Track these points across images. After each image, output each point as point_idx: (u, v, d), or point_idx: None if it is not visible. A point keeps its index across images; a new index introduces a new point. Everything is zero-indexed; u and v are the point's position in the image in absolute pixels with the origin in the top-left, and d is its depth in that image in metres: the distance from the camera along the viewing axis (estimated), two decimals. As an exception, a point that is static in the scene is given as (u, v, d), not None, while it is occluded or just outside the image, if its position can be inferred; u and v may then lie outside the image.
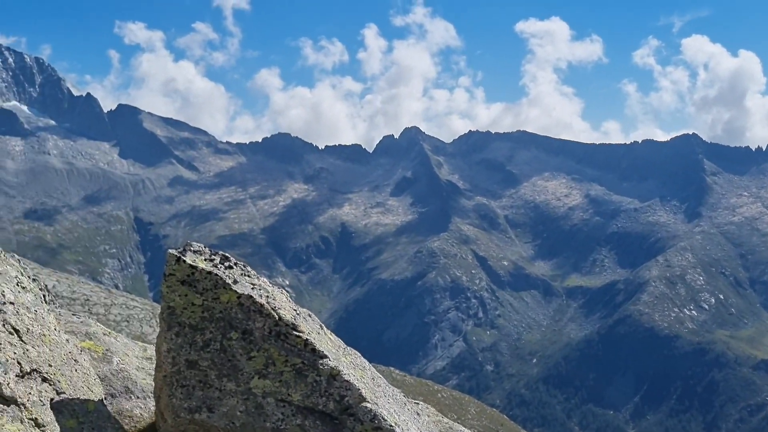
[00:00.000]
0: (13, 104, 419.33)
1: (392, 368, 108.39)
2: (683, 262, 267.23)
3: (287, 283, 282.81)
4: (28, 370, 6.92)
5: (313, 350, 7.73)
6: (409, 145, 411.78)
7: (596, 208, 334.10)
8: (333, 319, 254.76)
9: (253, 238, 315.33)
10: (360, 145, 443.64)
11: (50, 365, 7.30)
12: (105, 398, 8.29)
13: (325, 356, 7.76)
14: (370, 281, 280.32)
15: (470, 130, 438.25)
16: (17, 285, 7.62)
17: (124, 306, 75.83)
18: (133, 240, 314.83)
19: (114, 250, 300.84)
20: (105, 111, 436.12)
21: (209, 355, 7.59)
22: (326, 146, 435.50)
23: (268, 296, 7.85)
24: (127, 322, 71.57)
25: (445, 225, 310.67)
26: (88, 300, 73.69)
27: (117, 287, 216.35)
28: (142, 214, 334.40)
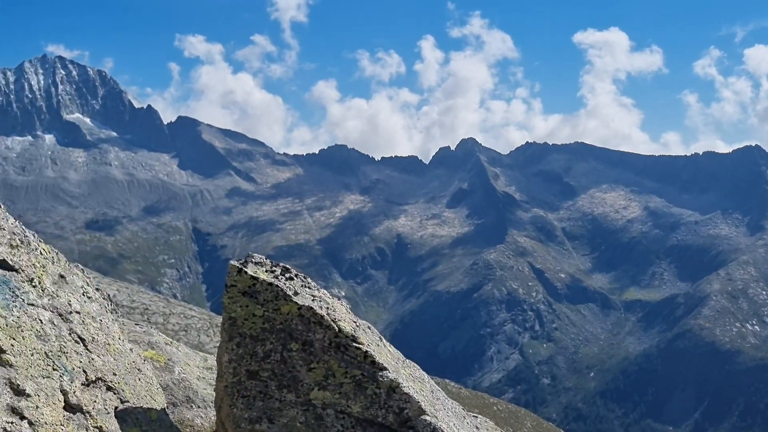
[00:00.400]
0: (76, 116, 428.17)
1: (447, 380, 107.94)
2: (745, 276, 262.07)
3: (343, 293, 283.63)
4: (94, 379, 7.03)
5: (373, 362, 7.72)
6: (465, 157, 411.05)
7: (655, 220, 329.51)
8: (388, 331, 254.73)
9: (309, 249, 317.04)
10: (416, 157, 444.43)
11: (114, 374, 7.40)
12: (167, 407, 8.39)
13: (385, 368, 7.76)
14: (425, 293, 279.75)
15: (527, 142, 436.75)
16: (83, 295, 7.74)
17: (182, 315, 76.75)
18: (192, 250, 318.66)
19: (173, 260, 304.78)
20: (165, 123, 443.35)
21: (270, 365, 7.63)
22: (382, 158, 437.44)
23: (328, 308, 7.87)
24: (185, 331, 72.40)
25: (502, 237, 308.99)
26: (147, 309, 74.73)
27: (175, 297, 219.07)
28: (201, 225, 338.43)
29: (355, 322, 8.15)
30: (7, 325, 6.28)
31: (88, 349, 7.14)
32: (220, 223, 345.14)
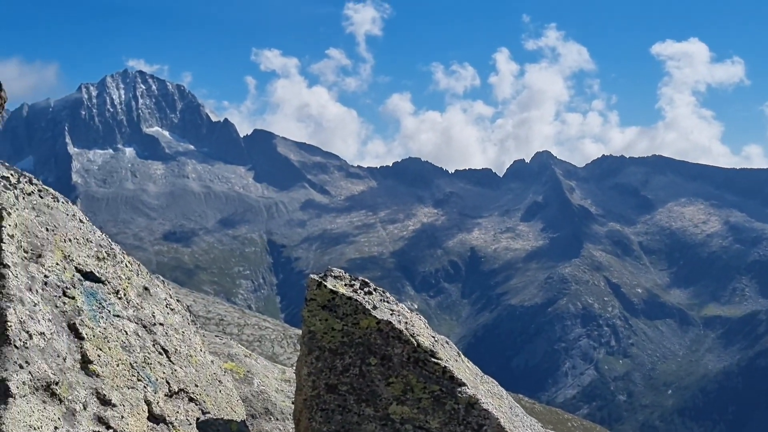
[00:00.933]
0: (155, 130, 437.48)
1: (521, 395, 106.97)
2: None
3: (416, 307, 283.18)
4: (176, 390, 7.14)
5: (452, 378, 7.69)
6: (540, 170, 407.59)
7: (736, 235, 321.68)
8: (461, 345, 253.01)
9: (382, 261, 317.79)
10: (490, 170, 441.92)
11: (196, 385, 7.51)
12: (246, 419, 8.48)
13: (464, 384, 7.71)
14: (499, 306, 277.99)
15: (603, 155, 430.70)
16: (166, 306, 7.88)
17: (256, 326, 77.61)
18: (266, 262, 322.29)
19: (248, 272, 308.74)
20: (241, 136, 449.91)
21: (348, 379, 7.65)
22: (456, 170, 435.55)
23: (406, 322, 7.87)
24: (259, 342, 73.15)
25: (577, 251, 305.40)
26: (222, 320, 75.79)
27: (250, 308, 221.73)
28: (275, 237, 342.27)
29: (433, 336, 8.14)
30: (94, 336, 6.43)
31: (171, 361, 7.26)
32: (295, 235, 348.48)
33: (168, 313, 7.83)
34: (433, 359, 7.70)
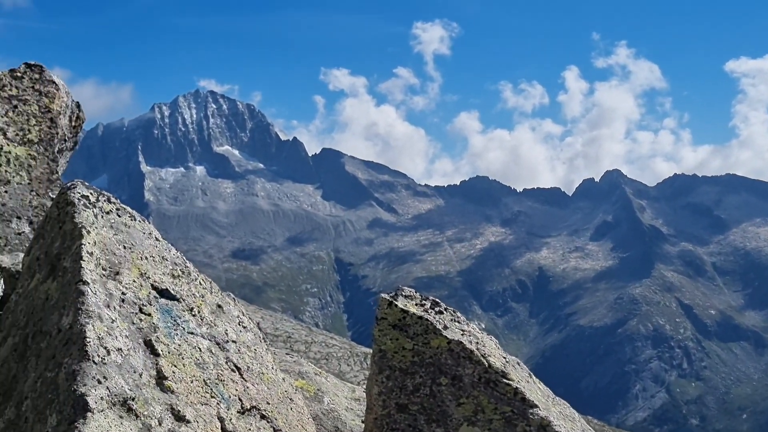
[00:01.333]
0: (225, 149, 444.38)
1: (590, 417, 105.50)
2: None
3: (483, 326, 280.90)
4: (248, 407, 7.20)
5: (523, 399, 7.61)
6: (610, 189, 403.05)
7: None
8: (529, 365, 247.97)
9: (449, 280, 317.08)
10: (559, 189, 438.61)
11: (268, 403, 7.56)
12: (316, 437, 8.51)
13: (536, 406, 7.63)
14: (567, 327, 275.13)
15: (675, 174, 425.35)
16: (239, 324, 7.97)
17: (323, 344, 77.95)
18: (333, 280, 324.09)
19: (315, 289, 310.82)
20: (310, 154, 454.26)
21: (419, 399, 7.63)
22: (524, 189, 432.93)
23: (477, 343, 7.83)
24: (326, 359, 73.43)
25: (648, 271, 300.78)
26: (290, 337, 76.26)
27: (317, 325, 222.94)
28: (343, 255, 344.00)
29: (504, 357, 8.08)
30: (169, 353, 6.53)
31: (243, 378, 7.33)
32: (362, 253, 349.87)
33: (240, 331, 7.92)
34: (504, 380, 7.64)
